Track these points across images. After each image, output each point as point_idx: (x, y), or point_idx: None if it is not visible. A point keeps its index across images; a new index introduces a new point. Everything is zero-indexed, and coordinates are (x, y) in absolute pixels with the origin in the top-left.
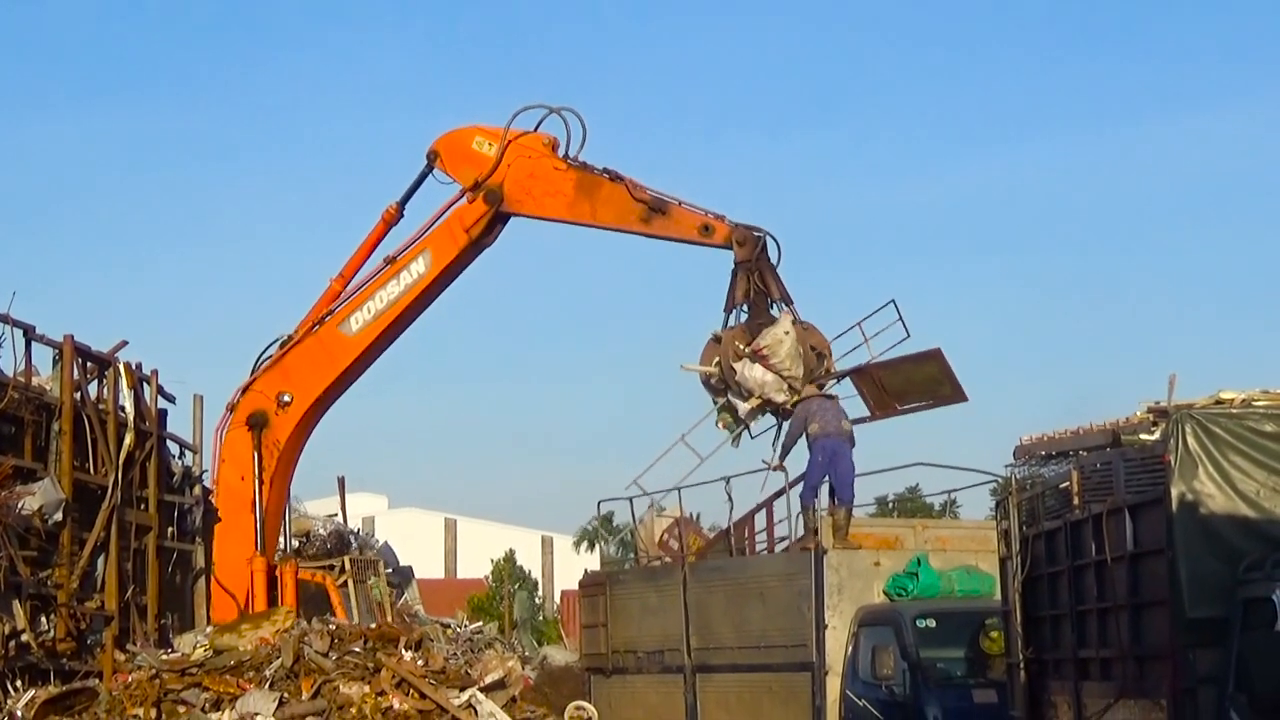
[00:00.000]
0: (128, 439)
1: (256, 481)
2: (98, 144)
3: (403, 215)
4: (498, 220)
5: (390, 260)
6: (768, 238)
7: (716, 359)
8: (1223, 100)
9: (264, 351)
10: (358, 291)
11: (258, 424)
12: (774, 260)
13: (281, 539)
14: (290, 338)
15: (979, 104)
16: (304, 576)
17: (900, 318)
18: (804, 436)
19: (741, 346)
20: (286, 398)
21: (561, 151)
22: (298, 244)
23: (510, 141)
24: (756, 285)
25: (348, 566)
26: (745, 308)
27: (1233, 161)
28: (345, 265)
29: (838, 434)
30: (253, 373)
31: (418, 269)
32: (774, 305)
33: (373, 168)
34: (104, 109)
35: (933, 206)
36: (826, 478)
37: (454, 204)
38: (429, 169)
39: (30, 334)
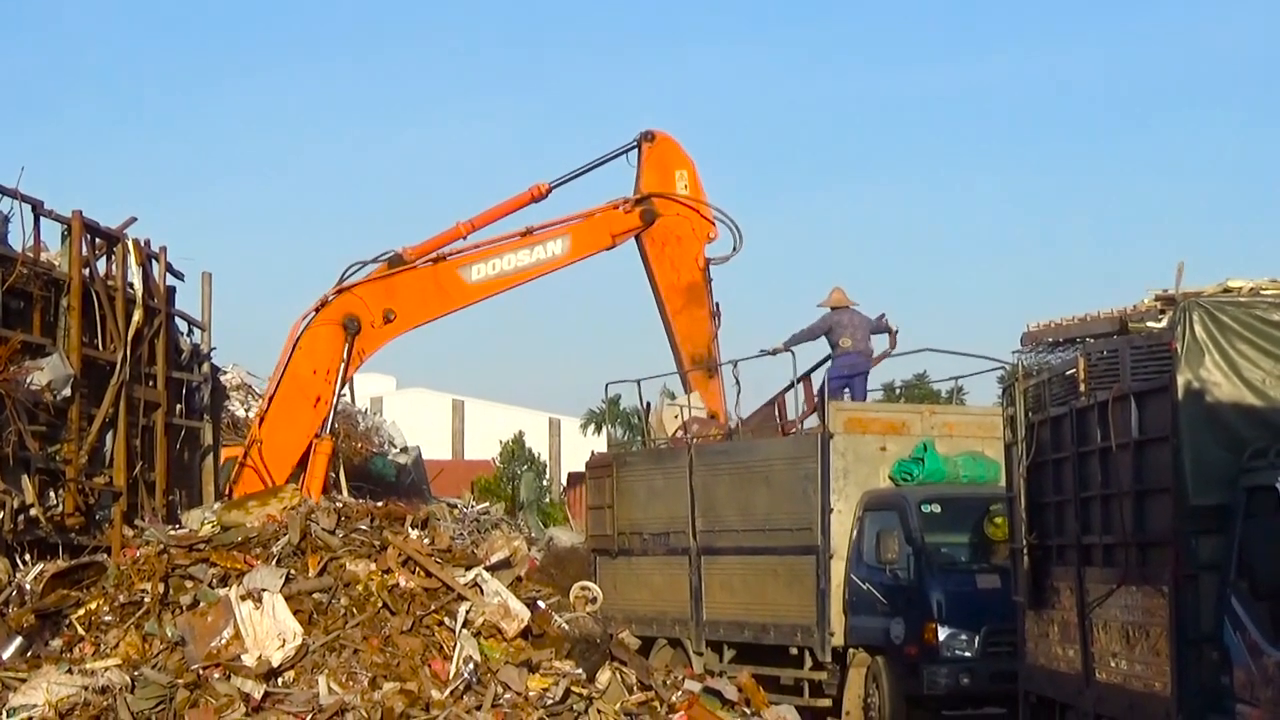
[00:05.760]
0: (136, 315)
1: (340, 380)
2: (110, 19)
3: (547, 196)
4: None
5: (530, 231)
6: None
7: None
8: None
9: (371, 260)
10: (481, 244)
11: (352, 329)
12: None
13: None
14: (399, 256)
15: None
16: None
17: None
18: (827, 343)
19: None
20: (391, 315)
21: (708, 249)
22: (308, 127)
23: (698, 203)
24: None
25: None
26: None
27: (1244, 46)
28: (477, 216)
29: (864, 353)
30: (343, 276)
31: (554, 248)
32: None
33: (389, 63)
34: None
35: (938, 94)
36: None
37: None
38: (636, 145)
39: (39, 209)
